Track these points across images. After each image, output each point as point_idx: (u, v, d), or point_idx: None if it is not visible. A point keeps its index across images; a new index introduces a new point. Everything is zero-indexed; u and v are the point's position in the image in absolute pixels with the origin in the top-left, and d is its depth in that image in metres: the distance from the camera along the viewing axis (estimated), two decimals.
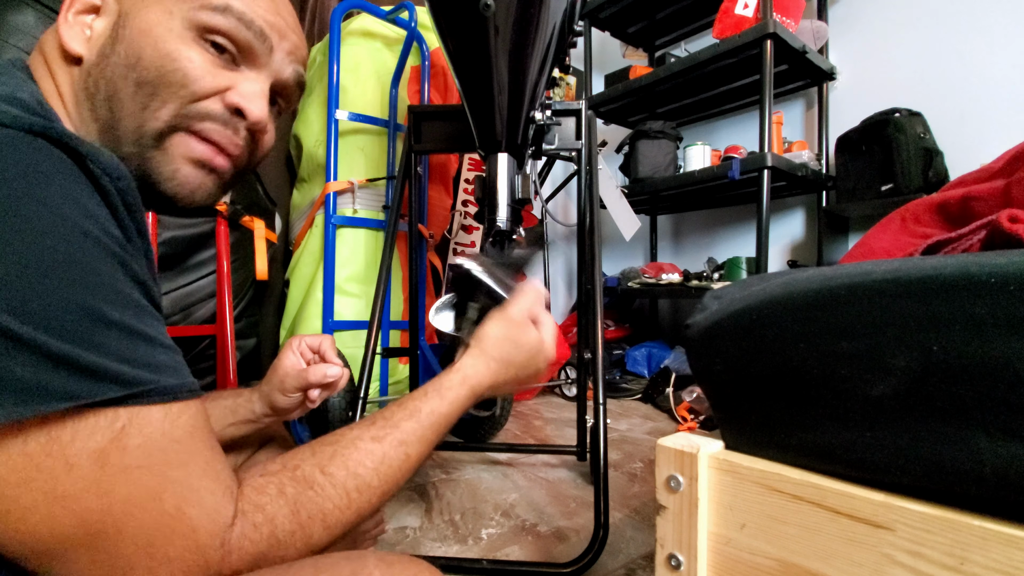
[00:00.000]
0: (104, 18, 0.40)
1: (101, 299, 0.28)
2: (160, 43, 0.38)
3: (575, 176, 1.48)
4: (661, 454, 0.36)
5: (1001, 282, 0.24)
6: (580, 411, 1.32)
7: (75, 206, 0.28)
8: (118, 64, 0.38)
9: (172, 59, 0.39)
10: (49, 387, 0.26)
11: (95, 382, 0.27)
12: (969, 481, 0.25)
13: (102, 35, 0.39)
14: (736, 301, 0.36)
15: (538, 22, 0.74)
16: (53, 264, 0.27)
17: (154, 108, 0.39)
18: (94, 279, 0.28)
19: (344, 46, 1.61)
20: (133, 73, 0.38)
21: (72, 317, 0.27)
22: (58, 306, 0.26)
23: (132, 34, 0.38)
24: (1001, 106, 1.65)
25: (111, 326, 0.28)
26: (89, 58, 0.39)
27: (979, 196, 0.51)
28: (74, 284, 0.27)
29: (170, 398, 0.31)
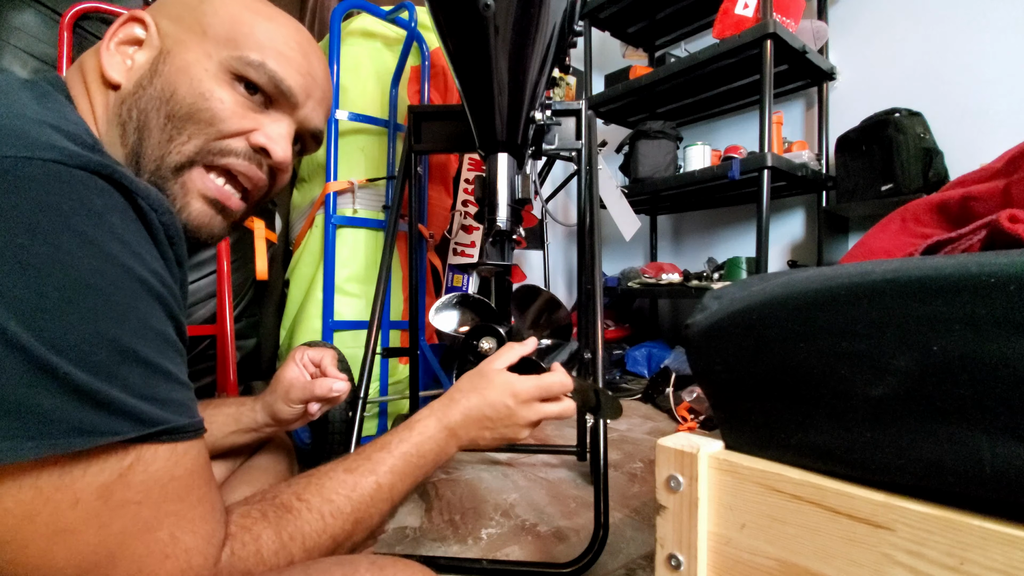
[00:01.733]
0: (146, 51, 0.41)
1: (131, 335, 0.29)
2: (195, 82, 0.41)
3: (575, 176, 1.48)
4: (661, 454, 0.36)
5: (1001, 282, 0.24)
6: (580, 411, 1.32)
7: (120, 244, 0.29)
8: (153, 96, 0.40)
9: (204, 98, 0.41)
10: (71, 422, 0.26)
11: (114, 419, 0.28)
12: (969, 481, 0.25)
13: (142, 67, 0.41)
14: (736, 301, 0.36)
15: (538, 22, 0.74)
16: (93, 300, 0.27)
17: (180, 142, 0.41)
18: (128, 315, 0.29)
19: (344, 46, 1.61)
20: (166, 107, 0.40)
21: (101, 351, 0.27)
22: (89, 339, 0.27)
23: (170, 70, 0.40)
24: (1001, 106, 1.65)
25: (137, 362, 0.29)
26: (126, 87, 0.41)
27: (979, 196, 0.51)
28: (107, 319, 0.28)
29: (178, 437, 0.32)
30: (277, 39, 0.44)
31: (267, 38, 0.43)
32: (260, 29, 0.43)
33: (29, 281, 0.25)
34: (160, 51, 0.41)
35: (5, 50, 1.34)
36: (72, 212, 0.27)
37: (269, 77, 0.43)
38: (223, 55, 0.41)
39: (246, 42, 0.42)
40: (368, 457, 0.46)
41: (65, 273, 0.27)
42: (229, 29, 0.42)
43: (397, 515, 1.05)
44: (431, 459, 0.50)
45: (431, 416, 0.52)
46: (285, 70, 0.44)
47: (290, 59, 0.44)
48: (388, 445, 0.48)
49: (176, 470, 0.31)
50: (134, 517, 0.29)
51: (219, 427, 0.59)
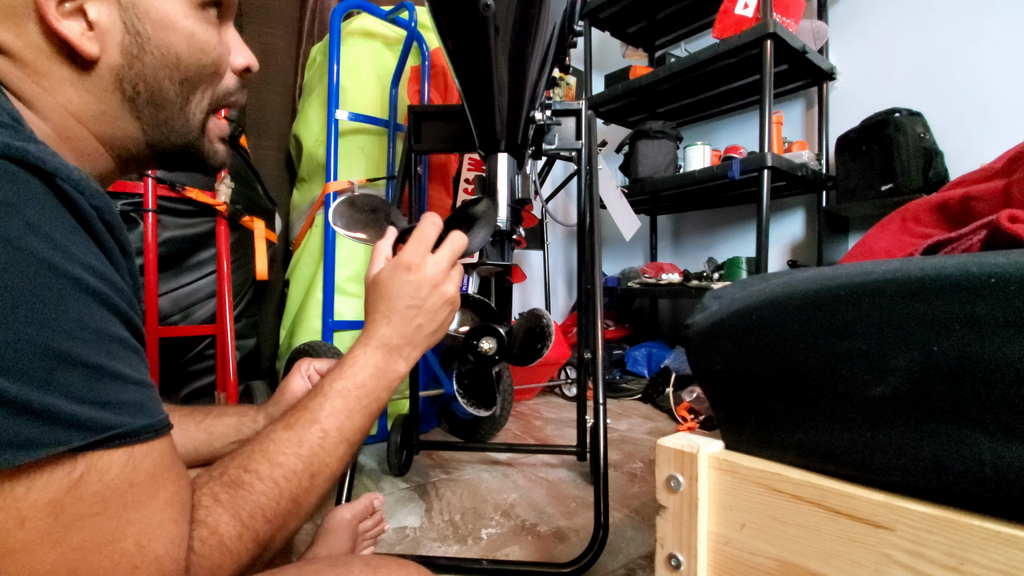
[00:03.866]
0: (93, 5, 0.34)
1: (65, 337, 0.26)
2: (189, 37, 0.38)
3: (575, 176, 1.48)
4: (661, 454, 0.36)
5: (1001, 282, 0.24)
6: (580, 411, 1.32)
7: (42, 240, 0.26)
8: (156, 65, 0.37)
9: (205, 52, 0.39)
10: (5, 436, 0.24)
11: (56, 429, 0.25)
12: (969, 481, 0.25)
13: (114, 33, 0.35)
14: (736, 301, 0.36)
15: (538, 22, 0.74)
16: (11, 302, 0.25)
17: (196, 101, 0.41)
18: (58, 316, 0.26)
19: (344, 46, 1.61)
20: (176, 73, 0.38)
21: (32, 358, 0.25)
22: (16, 347, 0.25)
23: (156, 30, 0.37)
24: (1001, 106, 1.65)
25: (75, 366, 0.27)
26: (112, 60, 0.36)
27: (979, 196, 0.51)
28: (35, 322, 0.25)
29: (133, 441, 0.29)
30: None
31: None
32: None
33: None
34: (119, 4, 0.35)
35: None
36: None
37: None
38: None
39: None
40: (305, 407, 0.43)
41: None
42: None
43: (397, 515, 1.05)
44: (376, 384, 0.47)
45: (356, 346, 0.49)
46: None
47: None
48: (322, 389, 0.45)
49: (136, 475, 0.29)
50: (92, 530, 0.27)
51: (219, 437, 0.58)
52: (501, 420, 1.53)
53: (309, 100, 1.75)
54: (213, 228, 1.39)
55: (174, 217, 1.31)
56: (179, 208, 1.32)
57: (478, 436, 1.52)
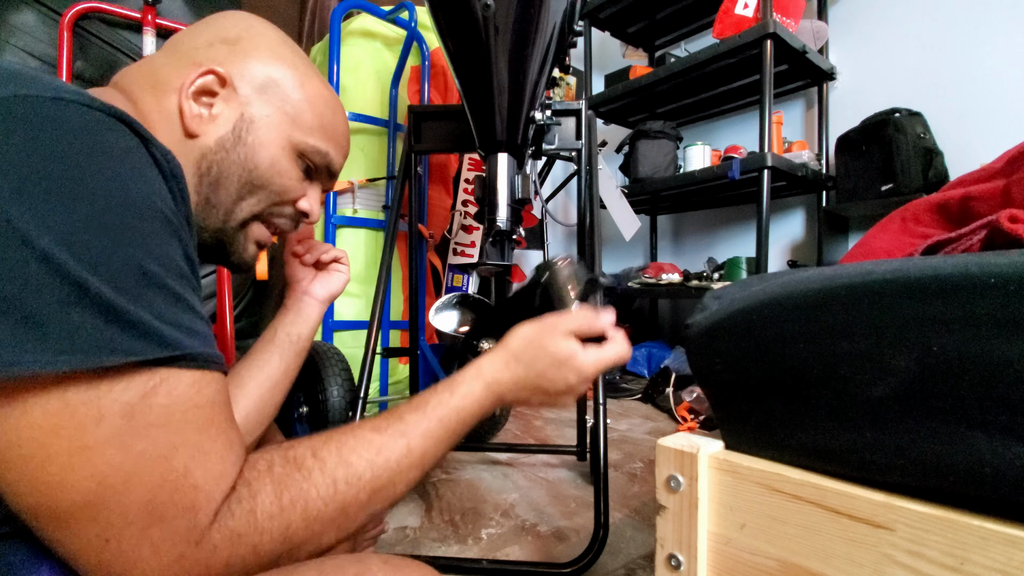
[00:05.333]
0: (224, 108, 0.45)
1: (156, 263, 0.30)
2: (275, 159, 0.47)
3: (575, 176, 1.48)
4: (661, 454, 0.36)
5: (1001, 282, 0.24)
6: (580, 411, 1.32)
7: (144, 182, 0.31)
8: (236, 162, 0.46)
9: (279, 174, 0.48)
10: (101, 339, 0.27)
11: (142, 340, 0.28)
12: (969, 481, 0.25)
13: (222, 126, 0.45)
14: (736, 301, 0.36)
15: (538, 22, 0.74)
16: (118, 224, 0.29)
17: (250, 203, 0.48)
18: (152, 244, 0.30)
19: (344, 46, 1.61)
20: (247, 175, 0.46)
21: (129, 274, 0.29)
22: (119, 262, 0.28)
23: (255, 143, 0.46)
24: (1001, 106, 1.65)
25: (162, 289, 0.30)
26: (205, 141, 0.45)
27: (979, 196, 0.51)
28: (134, 245, 0.29)
29: (202, 365, 0.32)
30: (338, 130, 0.52)
31: (332, 129, 0.51)
32: (328, 121, 0.51)
33: (62, 206, 0.27)
34: (243, 116, 0.46)
35: (5, 50, 1.34)
36: (98, 147, 0.29)
37: (327, 164, 0.52)
38: (297, 137, 0.48)
39: (318, 131, 0.50)
40: (400, 417, 0.41)
41: (94, 201, 0.28)
42: (307, 116, 0.49)
43: (397, 515, 1.05)
44: (471, 423, 0.46)
45: (478, 379, 0.47)
46: (338, 157, 0.53)
47: (342, 146, 0.54)
48: (425, 406, 0.43)
49: (199, 398, 0.31)
50: (154, 441, 0.29)
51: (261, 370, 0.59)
52: (501, 420, 1.53)
53: None
54: None
55: None
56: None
57: (478, 436, 1.52)
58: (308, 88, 0.49)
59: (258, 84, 0.47)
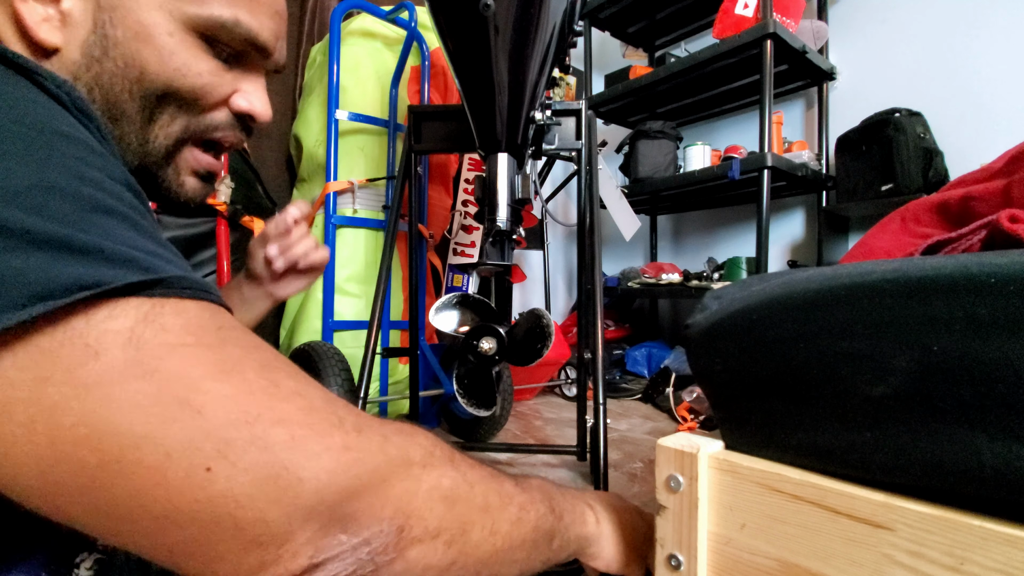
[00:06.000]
0: None
1: (93, 186, 0.24)
2: (164, 54, 0.34)
3: (575, 176, 1.48)
4: (661, 454, 0.36)
5: (1001, 282, 0.24)
6: (580, 411, 1.32)
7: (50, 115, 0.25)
8: (115, 74, 0.34)
9: (181, 74, 0.35)
10: (54, 277, 0.21)
11: (105, 265, 0.22)
12: (969, 481, 0.25)
13: (79, 26, 0.33)
14: (736, 301, 0.36)
15: (538, 22, 0.74)
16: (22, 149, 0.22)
17: (162, 123, 0.37)
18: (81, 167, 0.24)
19: (344, 46, 1.61)
20: (137, 87, 0.35)
21: (68, 205, 0.22)
22: (52, 194, 0.22)
23: (127, 38, 0.34)
24: (1001, 106, 1.65)
25: (112, 213, 0.24)
26: (71, 56, 0.33)
27: (979, 196, 0.51)
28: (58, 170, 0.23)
29: (204, 296, 0.25)
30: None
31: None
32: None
33: None
34: (98, 4, 0.33)
35: None
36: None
37: (245, 36, 0.37)
38: (184, 11, 0.34)
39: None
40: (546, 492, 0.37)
41: None
42: None
43: None
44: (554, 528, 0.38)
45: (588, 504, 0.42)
46: (260, 21, 0.38)
47: (261, 5, 0.38)
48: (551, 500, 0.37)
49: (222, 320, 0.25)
50: (191, 359, 0.23)
51: None
52: (501, 420, 1.53)
53: (309, 100, 1.75)
54: (213, 228, 1.39)
55: (174, 217, 1.31)
56: (179, 208, 1.32)
57: (478, 436, 1.52)
58: None
59: None
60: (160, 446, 0.22)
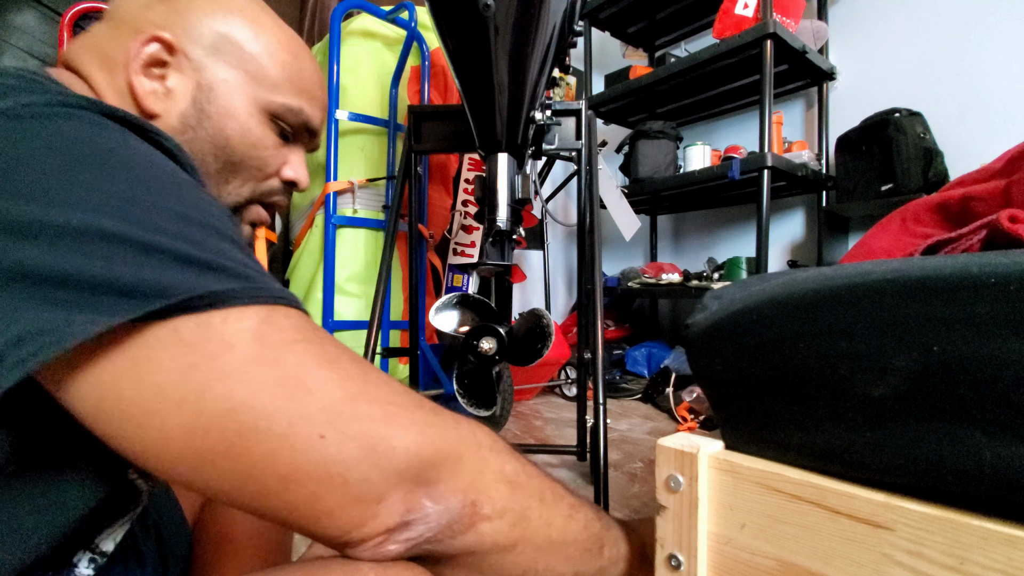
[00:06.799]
0: (178, 79, 0.41)
1: (215, 219, 0.30)
2: (245, 130, 0.43)
3: (575, 176, 1.48)
4: (661, 454, 0.36)
5: (1001, 282, 0.24)
6: (580, 411, 1.32)
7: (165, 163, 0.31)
8: (205, 140, 0.42)
9: (255, 147, 0.44)
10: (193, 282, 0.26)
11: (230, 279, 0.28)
12: (969, 481, 0.25)
13: (181, 100, 0.41)
14: (736, 301, 0.36)
15: (538, 22, 0.74)
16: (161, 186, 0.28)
17: (235, 185, 0.45)
18: (202, 203, 0.30)
19: (344, 46, 1.61)
20: (222, 154, 0.43)
21: (201, 232, 0.28)
22: (168, 215, 0.27)
23: (218, 112, 0.42)
24: (1001, 106, 1.65)
25: (228, 239, 0.29)
26: (168, 121, 0.41)
27: (979, 196, 0.51)
28: (185, 203, 0.29)
29: (298, 305, 0.31)
30: (307, 79, 0.47)
31: (300, 79, 0.46)
32: (295, 70, 0.46)
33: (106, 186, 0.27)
34: (199, 85, 0.41)
35: (5, 50, 1.34)
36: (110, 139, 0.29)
37: (303, 121, 0.47)
38: (264, 97, 0.44)
39: (285, 86, 0.45)
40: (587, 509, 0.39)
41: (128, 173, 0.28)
42: (270, 70, 0.44)
43: None
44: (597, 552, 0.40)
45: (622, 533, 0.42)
46: (313, 111, 0.48)
47: (315, 98, 0.48)
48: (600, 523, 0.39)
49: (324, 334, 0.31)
50: (304, 352, 0.29)
51: None
52: (501, 420, 1.53)
53: None
54: None
55: None
56: None
57: None
58: (265, 36, 0.44)
59: (209, 43, 0.42)
60: (285, 416, 0.27)
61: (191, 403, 0.26)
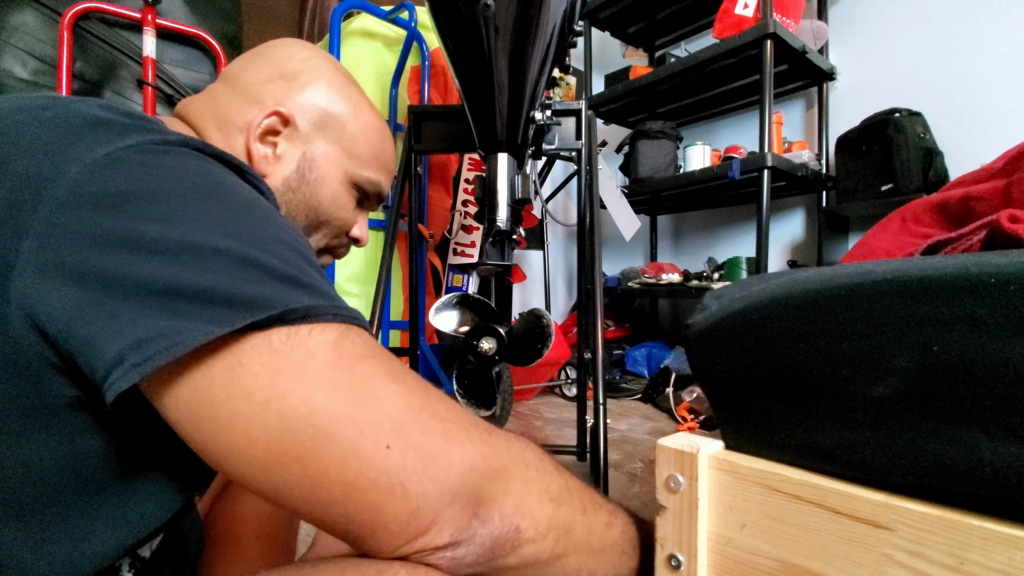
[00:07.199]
0: (287, 146, 0.48)
1: (303, 246, 0.33)
2: (335, 195, 0.50)
3: (575, 176, 1.48)
4: (661, 454, 0.36)
5: (1001, 282, 0.24)
6: (580, 411, 1.32)
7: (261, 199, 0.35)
8: (301, 202, 0.49)
9: (340, 209, 0.51)
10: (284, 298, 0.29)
11: (316, 296, 0.31)
12: (969, 481, 0.25)
13: (286, 166, 0.48)
14: (736, 301, 0.36)
15: (538, 22, 0.74)
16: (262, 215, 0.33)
17: (316, 238, 0.52)
18: (292, 232, 0.34)
19: (344, 46, 1.61)
20: (312, 213, 0.50)
21: (292, 254, 0.31)
22: (267, 238, 0.31)
23: (316, 181, 0.49)
24: (1001, 106, 1.65)
25: (313, 265, 0.33)
26: (274, 183, 0.47)
27: (979, 196, 0.51)
28: (282, 231, 0.33)
29: (366, 325, 0.33)
30: (388, 158, 0.55)
31: (384, 158, 0.54)
32: (380, 150, 0.53)
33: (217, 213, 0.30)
34: (304, 155, 0.48)
35: (5, 50, 1.34)
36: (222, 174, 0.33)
37: (378, 192, 0.55)
38: (354, 171, 0.51)
39: (372, 163, 0.52)
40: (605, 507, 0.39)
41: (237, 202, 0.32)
42: (362, 149, 0.51)
43: None
44: None
45: None
46: (387, 183, 0.55)
47: (391, 172, 0.56)
48: None
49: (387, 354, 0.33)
50: (373, 367, 0.31)
51: None
52: (501, 420, 1.53)
53: None
54: None
55: None
56: None
57: None
58: (362, 119, 0.51)
59: (316, 120, 0.49)
60: (355, 423, 0.28)
61: (275, 405, 0.27)
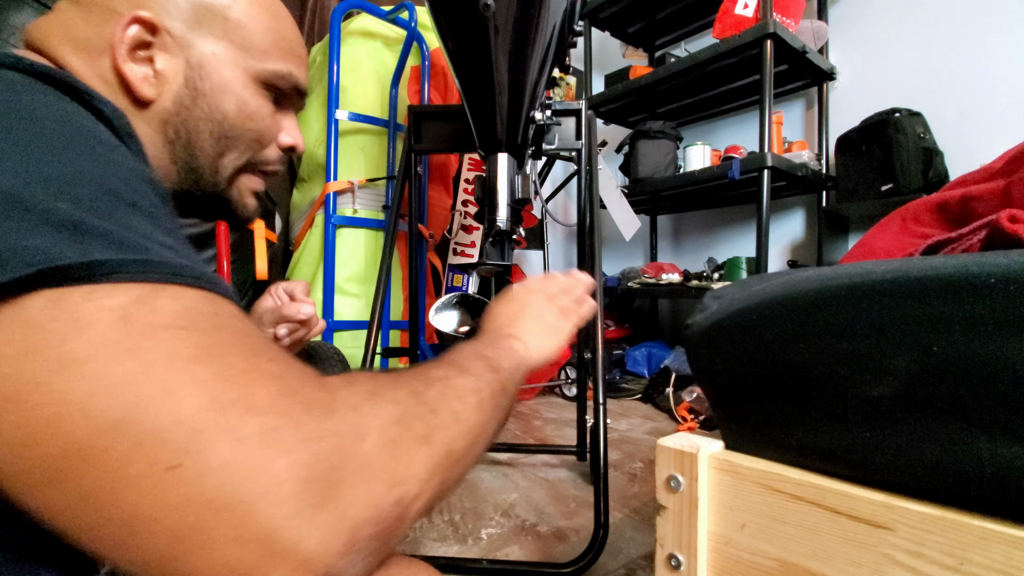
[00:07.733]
0: (165, 60, 0.39)
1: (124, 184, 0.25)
2: (240, 102, 0.42)
3: (575, 176, 1.48)
4: (661, 454, 0.36)
5: (1001, 282, 0.24)
6: (580, 411, 1.32)
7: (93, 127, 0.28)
8: (201, 118, 0.41)
9: (251, 118, 0.43)
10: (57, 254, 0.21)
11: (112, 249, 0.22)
12: (969, 481, 0.25)
13: (174, 82, 0.40)
14: (736, 301, 0.36)
15: (538, 22, 0.74)
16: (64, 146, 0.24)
17: (232, 157, 0.44)
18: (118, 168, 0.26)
19: (344, 46, 1.61)
20: (219, 129, 0.42)
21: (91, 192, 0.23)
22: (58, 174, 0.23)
23: (212, 89, 0.41)
24: (1001, 106, 1.65)
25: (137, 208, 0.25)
26: (164, 105, 0.40)
27: (979, 196, 0.51)
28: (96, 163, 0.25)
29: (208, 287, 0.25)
30: (290, 39, 0.45)
31: (285, 41, 0.45)
32: (279, 33, 0.44)
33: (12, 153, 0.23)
34: (188, 63, 0.40)
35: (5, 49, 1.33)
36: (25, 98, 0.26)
37: (293, 85, 0.46)
38: (255, 67, 0.43)
39: (273, 51, 0.44)
40: None
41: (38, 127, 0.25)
42: (256, 37, 0.42)
43: None
44: None
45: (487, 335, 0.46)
46: (300, 72, 0.46)
47: (300, 57, 0.47)
48: None
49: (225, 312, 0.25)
50: (182, 341, 0.22)
51: None
52: None
53: (309, 100, 1.75)
54: (213, 228, 1.39)
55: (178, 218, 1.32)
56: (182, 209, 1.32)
57: None
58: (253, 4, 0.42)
59: (188, 16, 0.39)
60: (127, 433, 0.20)
61: (24, 400, 0.20)
